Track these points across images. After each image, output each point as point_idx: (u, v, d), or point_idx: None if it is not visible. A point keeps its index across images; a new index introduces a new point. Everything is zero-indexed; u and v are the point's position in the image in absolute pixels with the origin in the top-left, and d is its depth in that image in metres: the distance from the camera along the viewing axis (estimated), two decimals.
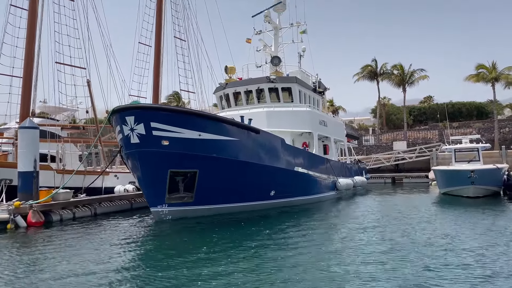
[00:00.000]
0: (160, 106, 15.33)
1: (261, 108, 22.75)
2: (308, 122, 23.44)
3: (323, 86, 28.23)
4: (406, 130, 55.16)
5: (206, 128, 15.74)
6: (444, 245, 10.58)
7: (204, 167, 16.00)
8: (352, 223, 14.91)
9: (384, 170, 43.44)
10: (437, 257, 9.29)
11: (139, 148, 15.12)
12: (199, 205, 16.48)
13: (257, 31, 28.07)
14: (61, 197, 17.58)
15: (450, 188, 24.39)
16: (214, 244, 11.48)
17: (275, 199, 19.27)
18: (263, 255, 10.16)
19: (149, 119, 14.84)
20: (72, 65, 22.83)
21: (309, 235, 12.75)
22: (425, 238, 11.67)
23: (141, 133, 14.92)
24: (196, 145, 15.62)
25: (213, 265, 9.07)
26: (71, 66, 22.87)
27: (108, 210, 19.25)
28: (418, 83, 54.64)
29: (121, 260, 9.95)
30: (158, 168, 15.35)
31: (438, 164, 35.01)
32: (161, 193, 15.72)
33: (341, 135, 30.70)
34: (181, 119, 15.24)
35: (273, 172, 18.59)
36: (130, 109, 14.84)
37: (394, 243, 11.02)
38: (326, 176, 24.28)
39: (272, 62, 24.55)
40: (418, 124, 69.41)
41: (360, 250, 10.26)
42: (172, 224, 15.39)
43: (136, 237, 13.21)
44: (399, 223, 14.65)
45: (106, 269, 9.01)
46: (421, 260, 9.08)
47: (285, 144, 19.66)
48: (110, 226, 15.47)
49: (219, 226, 14.86)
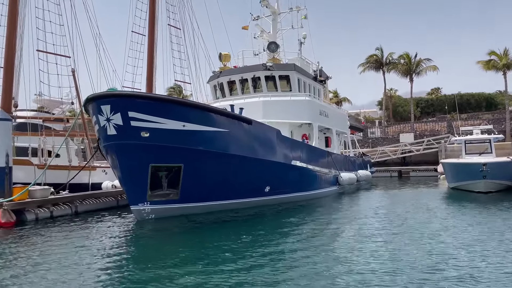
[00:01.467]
0: (138, 93, 13.89)
1: (256, 98, 21.22)
2: (308, 112, 21.89)
3: (324, 75, 26.59)
4: (414, 122, 53.37)
5: (191, 118, 14.27)
6: (461, 261, 8.35)
7: (190, 161, 14.57)
8: (353, 226, 13.03)
9: (390, 164, 41.94)
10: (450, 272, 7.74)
11: (116, 141, 13.71)
12: (185, 203, 15.07)
13: (254, 17, 26.47)
14: (38, 194, 16.21)
15: (460, 183, 22.82)
16: (200, 248, 10.24)
17: (270, 196, 17.83)
18: (253, 261, 8.78)
19: (127, 108, 13.40)
20: (55, 53, 21.47)
21: (302, 238, 11.28)
22: (438, 252, 9.07)
23: (118, 123, 13.48)
24: (180, 137, 14.18)
25: (198, 274, 7.78)
26: (54, 54, 21.49)
27: (91, 208, 17.87)
28: (426, 74, 52.76)
29: (88, 267, 8.62)
30: (138, 163, 13.93)
31: (447, 156, 33.44)
32: (142, 190, 14.31)
33: (344, 126, 29.09)
34: (162, 108, 13.79)
35: (268, 167, 17.13)
36: (105, 97, 13.40)
37: (404, 261, 8.47)
38: (327, 170, 22.77)
39: (268, 48, 22.92)
40: (425, 116, 67.67)
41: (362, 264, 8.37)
42: (155, 224, 14.03)
43: (112, 239, 11.85)
44: (406, 227, 12.35)
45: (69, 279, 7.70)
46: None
47: (281, 136, 18.16)
48: (87, 225, 14.08)
49: (207, 226, 13.55)
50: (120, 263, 9.03)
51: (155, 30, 28.75)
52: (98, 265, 8.79)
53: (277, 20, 25.88)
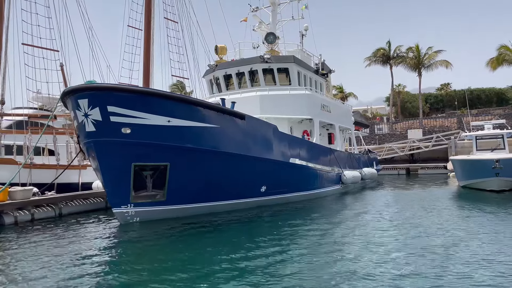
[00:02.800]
0: (117, 86, 12.79)
1: (253, 92, 20.03)
2: (308, 107, 20.62)
3: (327, 68, 25.28)
4: (422, 118, 51.81)
5: (177, 113, 13.15)
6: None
7: (176, 159, 13.48)
8: (355, 232, 11.51)
9: (398, 161, 40.61)
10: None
11: (95, 138, 12.63)
12: (173, 205, 13.99)
13: (253, 8, 25.23)
14: (19, 195, 15.20)
15: (471, 181, 21.48)
16: (188, 256, 9.34)
17: (267, 196, 16.68)
18: (247, 273, 7.79)
19: (105, 102, 12.30)
20: (41, 47, 20.44)
21: (302, 245, 10.09)
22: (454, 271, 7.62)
23: (97, 119, 12.40)
24: (164, 134, 13.08)
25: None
26: (41, 48, 20.48)
27: (77, 210, 16.86)
28: (436, 68, 50.93)
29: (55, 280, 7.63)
30: (119, 162, 12.85)
31: (457, 153, 32.05)
32: (125, 191, 13.23)
33: (347, 122, 27.73)
34: (144, 102, 12.67)
35: (263, 165, 15.98)
36: (82, 90, 12.31)
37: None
38: (330, 169, 21.54)
39: (266, 39, 21.67)
40: (434, 112, 66.05)
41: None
42: (141, 228, 12.98)
43: (90, 245, 10.81)
44: (415, 234, 10.89)
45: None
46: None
47: (277, 132, 16.98)
48: (66, 230, 13.04)
49: (196, 230, 12.50)
50: (95, 273, 8.07)
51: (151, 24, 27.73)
52: (67, 275, 7.87)
53: (277, 11, 24.62)
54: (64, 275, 7.91)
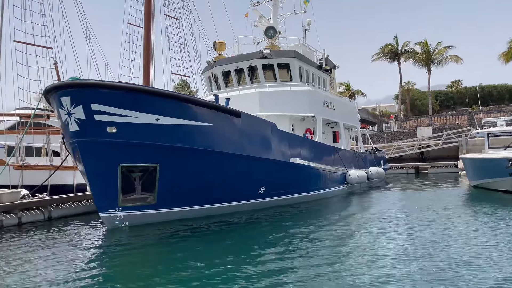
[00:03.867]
0: (101, 82, 12.03)
1: (253, 89, 19.18)
2: (310, 104, 19.69)
3: (331, 63, 24.30)
4: (432, 115, 50.55)
5: (166, 111, 12.36)
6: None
7: (167, 160, 12.71)
8: (358, 241, 10.31)
9: (407, 159, 39.46)
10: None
11: (78, 138, 11.89)
12: (164, 208, 13.20)
13: (254, 2, 24.33)
14: (6, 198, 14.54)
15: (483, 180, 20.42)
16: (181, 264, 8.59)
17: (266, 198, 15.85)
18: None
19: (89, 99, 11.55)
20: (34, 44, 19.79)
21: (302, 252, 9.24)
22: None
23: (80, 118, 11.66)
24: (153, 133, 12.31)
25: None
26: (34, 45, 19.84)
27: (67, 213, 16.15)
28: (446, 63, 49.66)
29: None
30: (104, 163, 12.09)
31: (469, 151, 30.89)
32: (112, 194, 12.47)
33: (353, 120, 26.71)
34: (131, 99, 11.90)
35: (261, 165, 15.14)
36: (64, 87, 11.57)
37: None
38: (334, 168, 20.61)
39: (266, 34, 20.77)
40: (445, 109, 64.66)
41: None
42: (130, 233, 12.20)
43: (74, 252, 10.09)
44: (425, 242, 9.65)
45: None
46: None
47: (276, 130, 16.11)
48: (51, 235, 12.34)
49: (189, 235, 11.71)
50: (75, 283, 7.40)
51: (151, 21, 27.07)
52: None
53: (278, 5, 23.72)
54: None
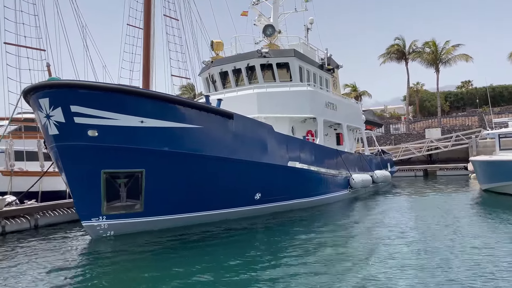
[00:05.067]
0: (81, 82, 11.30)
1: (251, 90, 18.36)
2: (310, 104, 18.80)
3: (333, 63, 23.39)
4: (441, 117, 49.31)
5: (151, 112, 11.60)
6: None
7: (153, 165, 11.94)
8: (358, 255, 9.17)
9: (415, 162, 38.38)
10: None
11: (58, 142, 11.17)
12: (151, 216, 12.42)
13: (254, 1, 23.55)
14: None
15: (494, 184, 19.40)
16: (171, 278, 7.92)
17: (262, 204, 15.01)
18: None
19: (68, 100, 10.83)
20: (26, 46, 19.20)
21: (301, 265, 8.43)
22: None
23: (59, 120, 10.95)
24: (138, 136, 11.56)
25: None
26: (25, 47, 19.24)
27: (55, 221, 15.46)
28: (455, 63, 48.39)
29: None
30: (86, 169, 11.35)
31: (479, 153, 29.79)
32: (95, 202, 11.72)
33: (357, 121, 25.73)
34: (113, 100, 11.16)
35: (257, 169, 14.32)
36: (42, 88, 10.87)
37: None
38: (336, 172, 19.69)
39: (264, 32, 19.92)
40: (455, 110, 63.32)
41: None
42: (115, 243, 11.45)
43: (61, 265, 9.37)
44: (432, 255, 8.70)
45: None
46: None
47: (273, 132, 15.28)
48: (37, 245, 11.57)
49: (180, 245, 10.99)
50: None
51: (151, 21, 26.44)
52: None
53: (279, 3, 22.91)
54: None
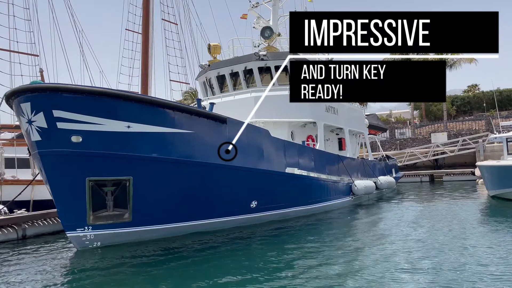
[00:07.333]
0: (64, 85, 10.72)
1: (248, 94, 17.79)
2: (310, 109, 18.20)
3: None
4: (447, 121, 48.45)
5: (138, 117, 11.04)
6: None
7: (141, 172, 11.36)
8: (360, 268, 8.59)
9: (421, 167, 37.60)
10: None
11: (40, 149, 10.63)
12: (140, 226, 11.81)
13: (253, 4, 23.03)
14: None
15: (502, 190, 18.63)
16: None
17: (259, 212, 14.36)
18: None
19: (50, 105, 10.30)
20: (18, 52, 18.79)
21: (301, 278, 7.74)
22: None
23: (41, 126, 10.41)
24: (124, 142, 10.99)
25: None
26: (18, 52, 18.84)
27: (44, 231, 14.83)
28: (460, 66, 47.62)
29: None
30: (70, 177, 10.78)
31: (486, 158, 29.02)
32: (80, 212, 11.13)
33: (359, 125, 25.03)
34: (97, 104, 10.61)
35: (252, 176, 13.70)
36: (23, 92, 10.34)
37: None
38: (338, 178, 19.03)
39: (262, 35, 19.40)
40: (462, 114, 62.38)
41: None
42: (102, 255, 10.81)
43: (43, 279, 8.75)
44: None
45: None
46: None
47: (269, 137, 14.67)
48: (22, 258, 10.97)
49: (171, 257, 10.34)
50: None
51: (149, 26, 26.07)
52: None
53: (278, 6, 22.39)
54: None
